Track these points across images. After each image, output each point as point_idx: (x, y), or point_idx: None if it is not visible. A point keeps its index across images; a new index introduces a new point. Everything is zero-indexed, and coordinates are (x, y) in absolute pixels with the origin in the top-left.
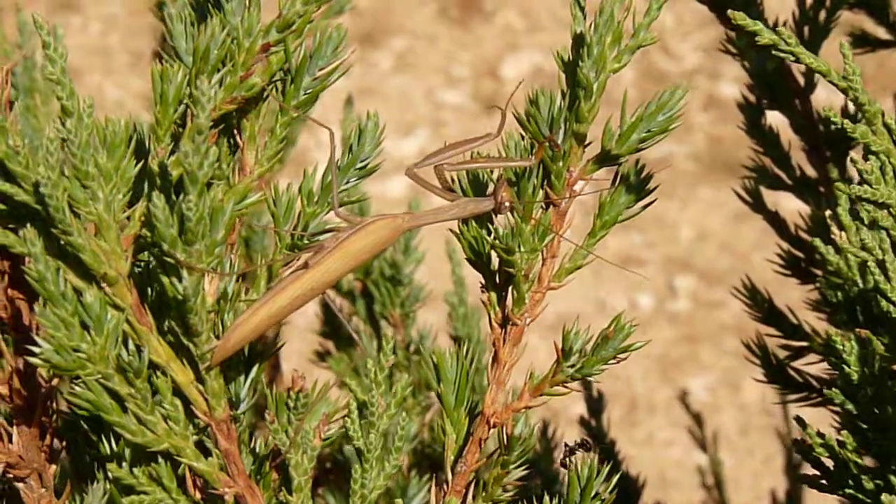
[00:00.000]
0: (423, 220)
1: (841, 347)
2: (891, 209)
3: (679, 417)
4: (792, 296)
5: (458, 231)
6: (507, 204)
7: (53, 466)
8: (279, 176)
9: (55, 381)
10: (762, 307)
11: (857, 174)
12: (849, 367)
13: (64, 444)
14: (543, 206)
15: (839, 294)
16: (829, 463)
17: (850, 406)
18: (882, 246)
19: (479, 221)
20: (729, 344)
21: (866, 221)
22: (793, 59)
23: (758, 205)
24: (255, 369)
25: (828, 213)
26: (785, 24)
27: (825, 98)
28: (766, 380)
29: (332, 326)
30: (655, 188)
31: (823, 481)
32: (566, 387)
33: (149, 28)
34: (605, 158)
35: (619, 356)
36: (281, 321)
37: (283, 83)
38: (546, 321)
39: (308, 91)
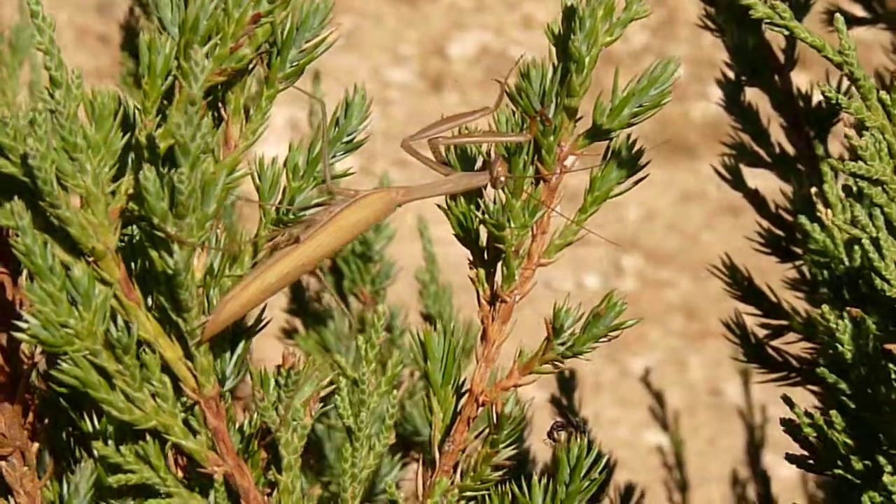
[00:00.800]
0: (418, 194)
1: (834, 326)
2: (885, 186)
3: (625, 397)
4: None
5: (446, 206)
6: (502, 179)
7: (36, 444)
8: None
9: (38, 358)
10: (741, 285)
11: (840, 151)
12: (842, 346)
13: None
14: (533, 181)
15: (825, 272)
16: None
17: (842, 385)
18: (876, 223)
19: (467, 197)
20: (675, 324)
21: (860, 198)
22: (787, 33)
23: (737, 182)
24: (241, 345)
25: (813, 190)
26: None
27: (804, 77)
28: (745, 359)
29: (299, 303)
30: (647, 164)
31: (811, 461)
32: (556, 365)
33: (94, 4)
34: (596, 133)
35: (610, 334)
36: (272, 296)
37: (269, 55)
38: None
39: (294, 64)
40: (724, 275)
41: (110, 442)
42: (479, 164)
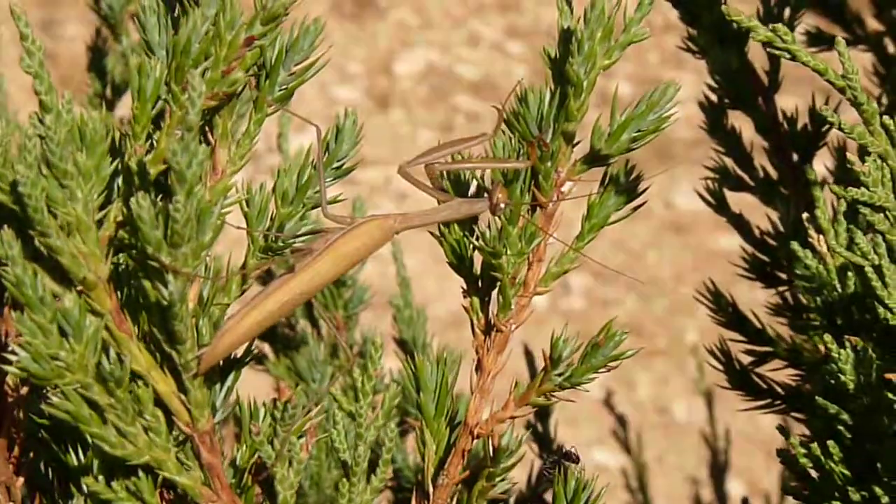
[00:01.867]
0: (416, 222)
1: (836, 355)
2: (888, 212)
3: (572, 416)
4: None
5: (439, 234)
6: (502, 205)
7: (21, 479)
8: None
9: (24, 391)
10: (726, 311)
11: (823, 174)
12: (844, 375)
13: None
14: (530, 207)
15: (817, 299)
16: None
17: (844, 416)
18: (878, 250)
19: (461, 224)
20: (623, 342)
21: (861, 225)
22: (788, 56)
23: (720, 206)
24: (231, 377)
25: (805, 215)
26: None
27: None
28: (729, 386)
29: (270, 329)
30: (645, 190)
31: (805, 492)
32: (554, 396)
33: (38, 22)
34: (594, 158)
35: (609, 364)
36: (269, 327)
37: (258, 78)
38: (441, 319)
39: (284, 87)
40: (709, 301)
41: (100, 478)
42: (473, 189)
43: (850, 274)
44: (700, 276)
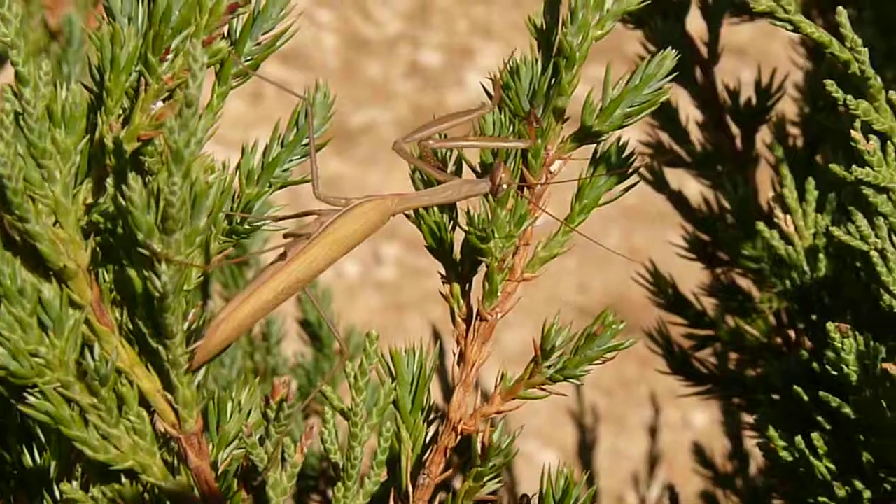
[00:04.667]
0: (414, 202)
1: (839, 346)
2: (891, 193)
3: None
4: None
5: (418, 216)
6: (504, 186)
7: None
8: None
9: None
10: (666, 293)
11: (778, 151)
12: (847, 366)
13: None
14: (517, 188)
15: (787, 283)
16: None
17: (847, 410)
18: (879, 234)
19: (442, 206)
20: (436, 312)
21: (867, 206)
22: (791, 28)
23: (659, 184)
24: (201, 372)
25: (770, 195)
26: None
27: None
28: (669, 371)
29: None
30: (640, 167)
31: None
32: (544, 389)
33: None
34: (584, 136)
35: (605, 356)
36: (266, 315)
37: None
38: None
39: (250, 58)
40: (648, 282)
41: (74, 483)
42: (450, 169)
43: (821, 257)
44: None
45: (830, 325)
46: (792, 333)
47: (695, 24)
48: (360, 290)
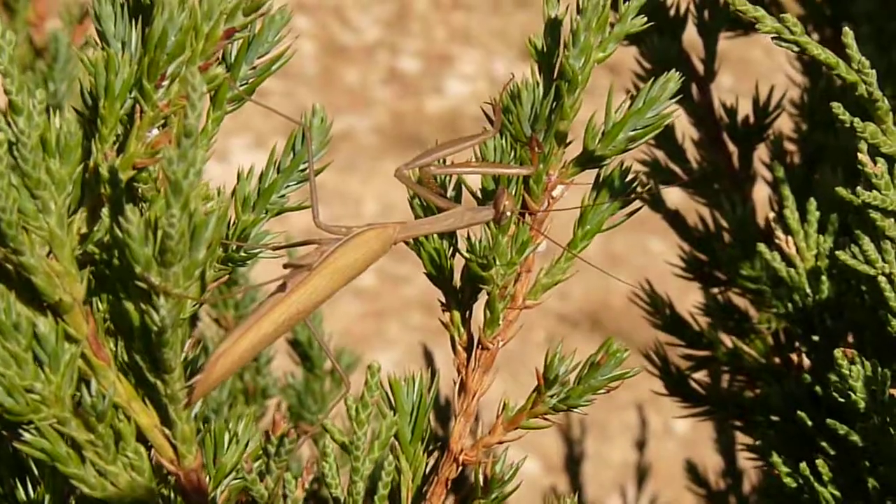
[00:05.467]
0: (417, 231)
1: (847, 372)
2: None
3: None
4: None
5: (417, 243)
6: (508, 214)
7: None
8: None
9: None
10: (662, 313)
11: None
12: (855, 393)
13: None
14: (519, 214)
15: (789, 305)
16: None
17: (855, 438)
18: (887, 258)
19: (442, 235)
20: (415, 319)
21: (873, 229)
22: (797, 49)
23: (655, 202)
24: (197, 405)
25: (771, 215)
26: (687, 9)
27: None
28: (666, 392)
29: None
30: (644, 191)
31: None
32: (547, 419)
33: None
34: (587, 160)
35: (609, 385)
36: (266, 348)
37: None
38: None
39: (245, 82)
40: (645, 302)
41: None
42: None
43: (823, 279)
44: None
45: (838, 352)
46: (794, 356)
47: (689, 39)
48: (339, 296)
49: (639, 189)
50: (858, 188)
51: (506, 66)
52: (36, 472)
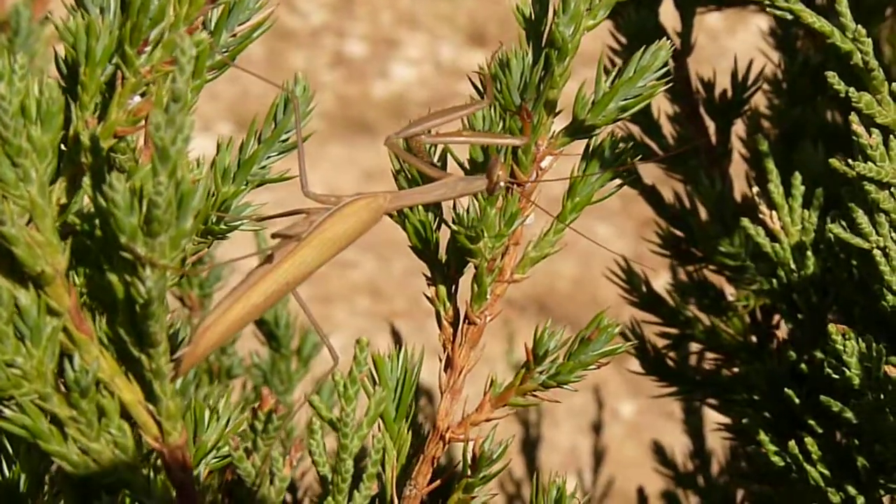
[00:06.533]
0: (407, 200)
1: (841, 348)
2: (893, 189)
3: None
4: None
5: (402, 216)
6: (501, 184)
7: None
8: None
9: None
10: (639, 291)
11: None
12: (850, 369)
13: None
14: (506, 185)
15: (774, 282)
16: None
17: (848, 414)
18: (881, 231)
19: (428, 206)
20: (362, 304)
21: (866, 202)
22: (791, 17)
23: (632, 179)
24: (178, 382)
25: (755, 190)
26: None
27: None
28: (643, 371)
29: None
30: (635, 160)
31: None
32: (536, 396)
33: None
34: (576, 130)
35: (600, 361)
36: (254, 320)
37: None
38: None
39: (226, 50)
40: (621, 279)
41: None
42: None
43: (808, 254)
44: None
45: (832, 327)
46: (776, 332)
47: (666, 14)
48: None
49: (629, 160)
50: (851, 161)
51: (452, 50)
52: (10, 450)
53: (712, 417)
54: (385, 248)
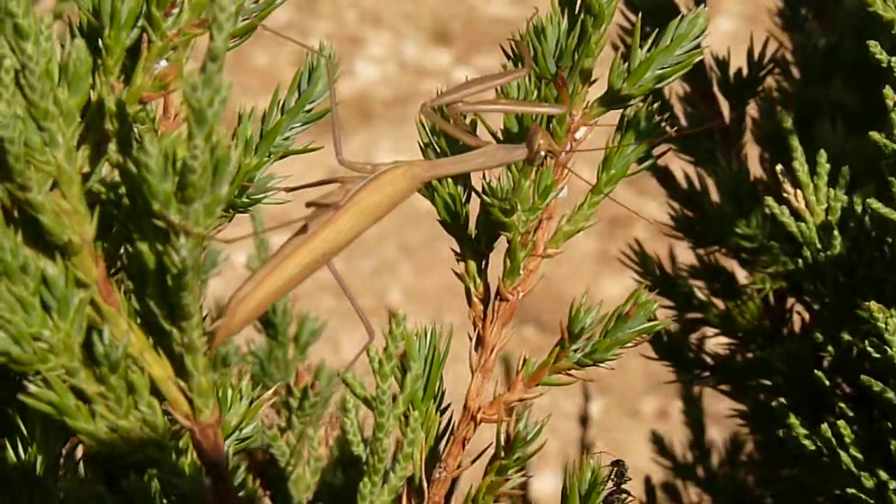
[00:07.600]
0: (445, 170)
1: (883, 326)
2: None
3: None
4: None
5: (430, 189)
6: (542, 153)
7: None
8: None
9: None
10: (653, 275)
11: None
12: (891, 348)
13: None
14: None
15: (800, 262)
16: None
17: (890, 395)
18: None
19: (457, 177)
20: (326, 303)
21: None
22: None
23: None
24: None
25: (779, 168)
26: None
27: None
28: (656, 356)
29: None
30: (672, 133)
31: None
32: (571, 375)
33: None
34: (612, 100)
35: (638, 338)
36: (290, 291)
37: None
38: None
39: (247, 18)
40: (635, 263)
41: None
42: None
43: (835, 233)
44: (401, 237)
45: (874, 305)
46: (796, 315)
47: None
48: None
49: (668, 130)
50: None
51: (415, 49)
52: (25, 431)
53: (713, 408)
54: (353, 247)
